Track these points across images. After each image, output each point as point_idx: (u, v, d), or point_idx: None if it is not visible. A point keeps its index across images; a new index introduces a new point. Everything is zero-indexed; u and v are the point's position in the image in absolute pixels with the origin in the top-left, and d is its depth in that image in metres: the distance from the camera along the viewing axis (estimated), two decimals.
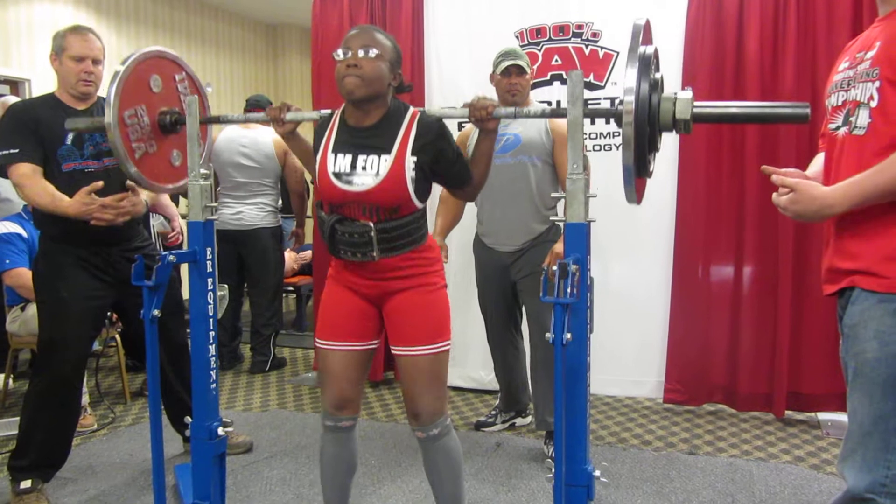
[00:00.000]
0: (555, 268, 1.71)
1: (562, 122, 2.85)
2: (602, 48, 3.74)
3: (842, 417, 3.49)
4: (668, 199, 3.59)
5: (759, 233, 3.50)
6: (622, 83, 3.85)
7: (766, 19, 3.41)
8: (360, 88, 1.96)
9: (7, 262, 3.58)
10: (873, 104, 1.57)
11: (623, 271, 3.80)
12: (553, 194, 1.93)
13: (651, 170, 1.83)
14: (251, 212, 4.48)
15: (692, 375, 3.65)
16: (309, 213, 4.97)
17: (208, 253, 2.28)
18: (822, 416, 3.55)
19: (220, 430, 2.33)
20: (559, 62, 3.79)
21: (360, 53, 1.95)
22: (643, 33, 1.68)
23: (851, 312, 1.62)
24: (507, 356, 3.33)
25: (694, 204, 3.56)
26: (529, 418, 3.47)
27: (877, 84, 1.56)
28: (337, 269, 2.17)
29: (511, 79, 3.02)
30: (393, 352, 2.13)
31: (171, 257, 2.12)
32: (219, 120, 2.44)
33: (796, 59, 3.35)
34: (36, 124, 2.56)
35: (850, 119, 1.63)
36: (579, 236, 1.84)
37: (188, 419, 2.32)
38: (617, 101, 1.72)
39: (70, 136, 2.59)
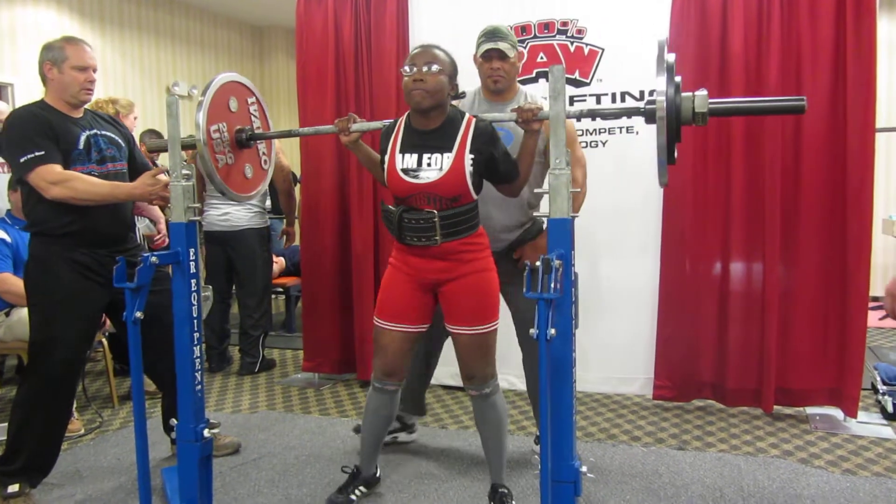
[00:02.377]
0: (538, 263, 1.71)
1: None
2: (587, 45, 3.74)
3: (830, 412, 3.51)
4: (655, 195, 3.59)
5: (746, 228, 3.50)
6: (608, 80, 3.86)
7: (750, 14, 3.41)
8: (426, 99, 2.26)
9: None
10: None
11: (611, 268, 3.80)
12: (537, 189, 1.94)
13: (675, 157, 2.09)
14: (238, 213, 4.46)
15: (681, 372, 3.66)
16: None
17: (191, 254, 2.27)
18: (811, 410, 3.56)
19: (207, 432, 2.32)
20: (544, 59, 3.79)
21: (425, 69, 2.24)
22: (667, 45, 2.01)
23: None
24: (430, 360, 3.18)
25: (681, 200, 3.56)
26: (415, 435, 3.29)
27: None
28: (399, 257, 2.48)
29: (492, 63, 2.77)
30: (449, 329, 2.46)
31: (154, 259, 2.11)
32: (290, 133, 2.77)
33: (781, 53, 3.36)
34: (51, 128, 2.60)
35: None
36: (563, 231, 1.84)
37: (173, 421, 2.30)
38: (646, 102, 2.02)
39: (82, 141, 2.66)
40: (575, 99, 3.76)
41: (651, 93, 3.62)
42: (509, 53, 2.76)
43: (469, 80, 3.86)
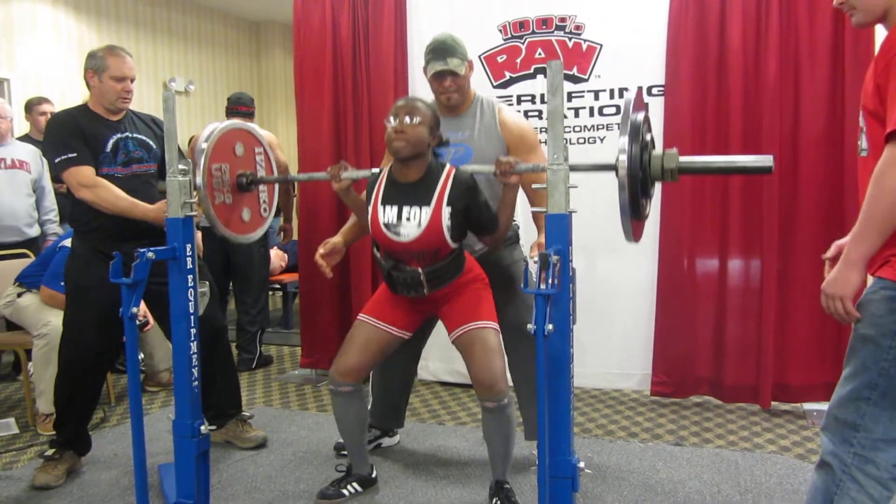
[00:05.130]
0: (536, 258, 1.71)
1: (514, 124, 2.79)
2: (585, 41, 3.73)
3: (827, 407, 3.50)
4: (654, 192, 3.58)
5: (743, 225, 3.50)
6: (606, 76, 3.85)
7: (748, 9, 3.41)
8: (406, 149, 2.32)
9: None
10: (865, 130, 1.71)
11: (609, 265, 3.79)
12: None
13: (646, 213, 2.11)
14: None
15: (678, 368, 3.66)
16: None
17: (188, 249, 2.26)
18: (808, 406, 3.56)
19: (203, 428, 2.32)
20: (542, 55, 3.78)
21: (406, 121, 2.30)
22: (634, 102, 1.96)
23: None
24: (409, 379, 3.16)
25: (679, 197, 3.56)
26: (397, 438, 3.25)
27: (861, 113, 1.70)
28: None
29: (444, 82, 2.72)
30: (453, 339, 2.50)
31: (150, 254, 2.10)
32: (287, 179, 3.07)
33: (779, 48, 3.35)
34: (81, 131, 2.81)
35: (858, 142, 1.76)
36: (560, 227, 1.84)
37: (171, 416, 2.30)
38: (618, 155, 1.95)
39: (110, 144, 2.85)
40: (573, 95, 3.75)
41: (650, 89, 3.63)
42: (460, 71, 2.70)
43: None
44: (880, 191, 1.58)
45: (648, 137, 2.00)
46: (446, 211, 2.33)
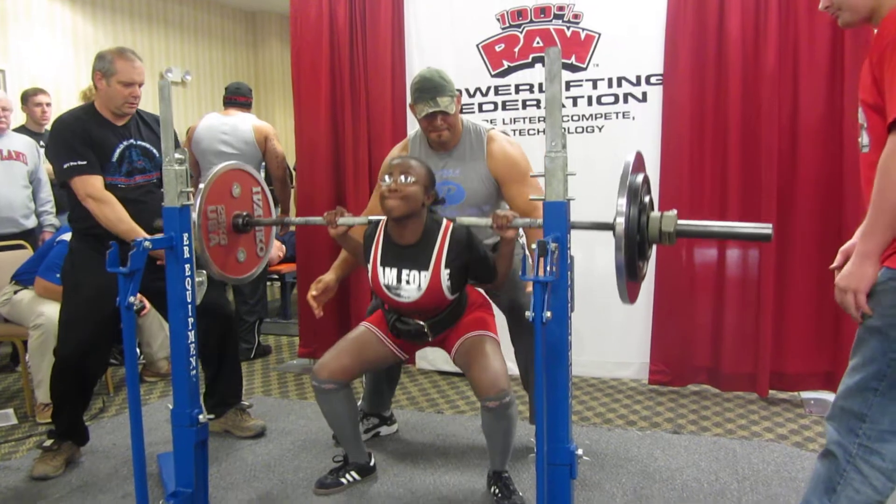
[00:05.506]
0: (533, 246, 1.71)
1: (501, 154, 2.75)
2: (584, 30, 3.72)
3: (825, 396, 3.52)
4: (651, 180, 3.57)
5: (742, 213, 3.50)
6: (604, 65, 3.84)
7: (747, 0, 3.40)
8: (399, 208, 2.31)
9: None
10: (866, 125, 1.69)
11: (607, 253, 3.77)
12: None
13: (643, 274, 2.09)
14: None
15: (676, 356, 3.66)
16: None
17: (185, 239, 2.25)
18: (806, 394, 3.57)
19: (202, 417, 2.32)
20: (540, 44, 3.76)
21: (401, 180, 2.31)
22: (633, 162, 1.95)
23: None
24: (396, 370, 3.16)
25: (677, 186, 3.56)
26: (395, 426, 3.25)
27: (861, 108, 1.68)
28: None
29: (435, 122, 2.67)
30: (453, 354, 2.55)
31: (147, 244, 2.10)
32: (283, 222, 3.04)
33: (779, 38, 3.34)
34: (90, 137, 2.80)
35: (859, 139, 1.74)
36: (559, 214, 1.84)
37: (169, 406, 2.30)
38: (615, 217, 1.91)
39: (116, 154, 2.85)
40: (571, 84, 3.74)
41: (648, 78, 3.62)
42: (451, 110, 2.66)
43: (463, 70, 3.86)
44: (887, 182, 1.58)
45: (647, 199, 2.00)
46: (444, 273, 2.37)
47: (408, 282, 2.40)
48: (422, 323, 2.48)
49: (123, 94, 2.83)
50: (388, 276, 2.43)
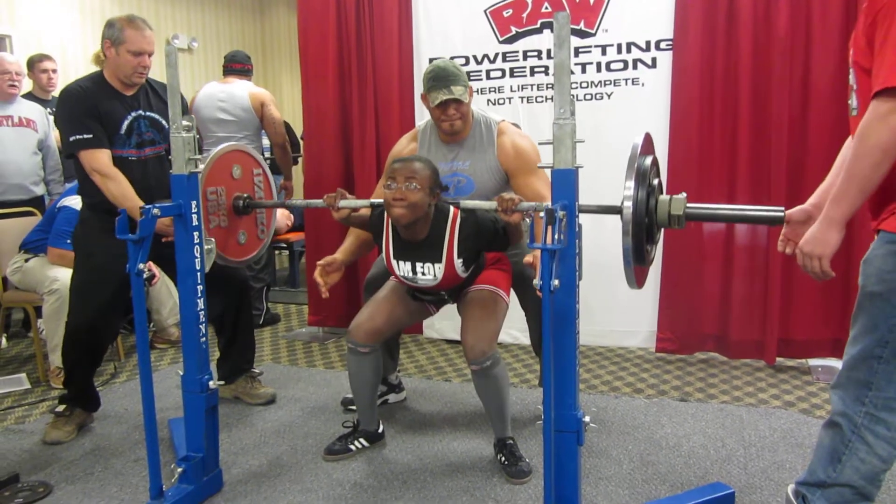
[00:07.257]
0: (542, 214, 1.70)
1: (510, 146, 2.73)
2: None
3: (832, 363, 3.52)
4: (661, 149, 3.56)
5: (750, 180, 3.47)
6: (613, 31, 3.78)
7: None
8: (405, 217, 2.30)
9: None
10: (856, 87, 1.67)
11: (614, 222, 3.76)
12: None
13: (651, 258, 2.08)
14: None
15: (684, 324, 3.67)
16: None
17: (193, 206, 2.25)
18: (813, 362, 3.57)
19: (212, 383, 2.34)
20: (549, 9, 3.71)
21: (405, 186, 2.28)
22: (642, 145, 1.92)
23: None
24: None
25: (686, 153, 3.53)
26: (404, 394, 3.27)
27: (852, 70, 1.67)
28: None
29: (448, 111, 2.66)
30: (458, 305, 2.61)
31: (156, 210, 2.10)
32: (283, 204, 2.97)
33: (790, 2, 3.28)
34: (97, 109, 2.76)
35: (849, 102, 1.73)
36: (567, 182, 1.83)
37: (179, 372, 2.32)
38: (622, 200, 1.89)
39: (125, 126, 2.81)
40: (580, 50, 3.70)
41: (658, 44, 3.58)
42: (464, 99, 2.65)
43: (470, 37, 3.82)
44: (864, 148, 1.54)
45: (655, 182, 1.97)
46: (458, 262, 2.41)
47: (423, 273, 2.45)
48: (442, 291, 2.57)
49: (132, 64, 2.78)
50: (403, 268, 2.48)
